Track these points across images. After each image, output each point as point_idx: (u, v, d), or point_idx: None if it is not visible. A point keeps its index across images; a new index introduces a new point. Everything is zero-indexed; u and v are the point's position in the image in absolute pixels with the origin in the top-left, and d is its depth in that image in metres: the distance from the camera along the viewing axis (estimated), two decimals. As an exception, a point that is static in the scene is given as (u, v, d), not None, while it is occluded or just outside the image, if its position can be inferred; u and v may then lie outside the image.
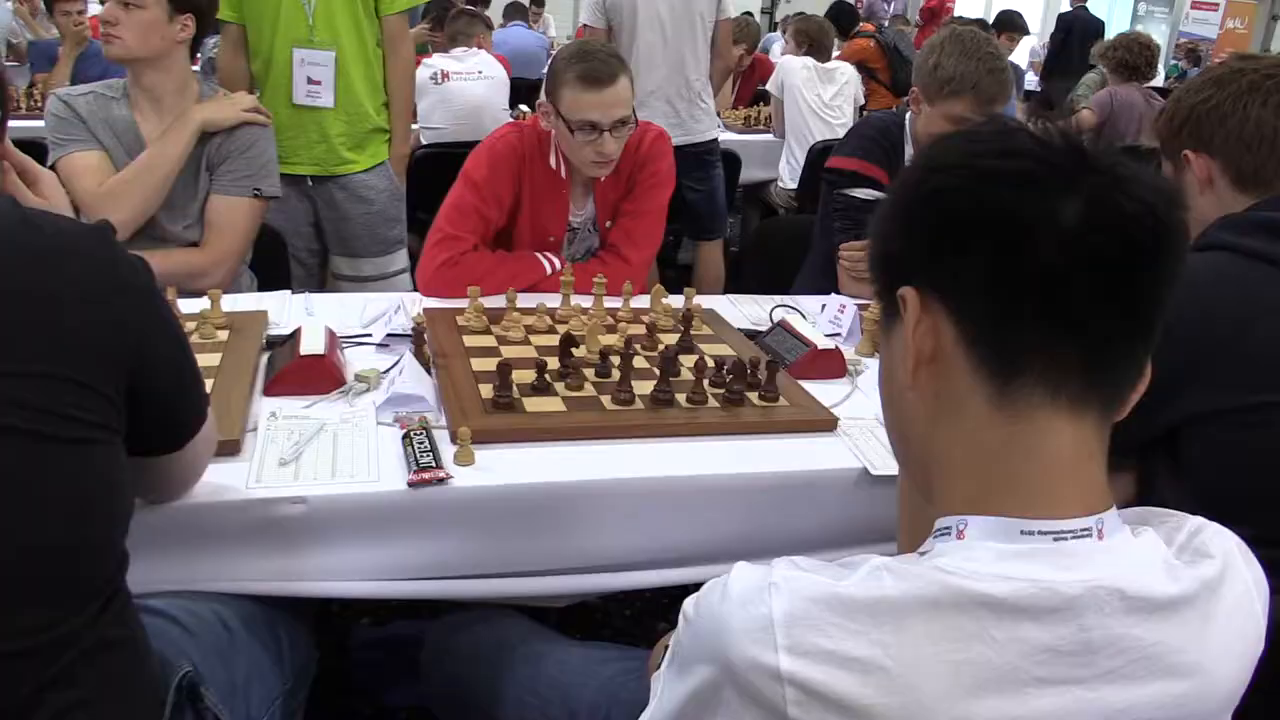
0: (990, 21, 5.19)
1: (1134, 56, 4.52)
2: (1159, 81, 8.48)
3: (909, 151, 2.18)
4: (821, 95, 4.29)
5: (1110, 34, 6.38)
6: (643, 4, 3.33)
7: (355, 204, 2.57)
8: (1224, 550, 0.71)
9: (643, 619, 2.09)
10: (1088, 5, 8.17)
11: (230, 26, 2.51)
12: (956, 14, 7.57)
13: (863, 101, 4.62)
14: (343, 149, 2.55)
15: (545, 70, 3.07)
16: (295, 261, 2.52)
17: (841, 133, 4.16)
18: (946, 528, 0.69)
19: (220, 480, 1.17)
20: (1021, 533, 0.66)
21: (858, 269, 2.03)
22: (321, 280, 2.66)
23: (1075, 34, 7.50)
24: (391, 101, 2.64)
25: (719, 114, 3.84)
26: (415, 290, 1.93)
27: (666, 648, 0.72)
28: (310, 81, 2.47)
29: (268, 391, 1.43)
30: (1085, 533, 0.67)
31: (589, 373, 1.53)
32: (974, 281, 0.67)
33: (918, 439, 0.73)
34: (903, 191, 0.73)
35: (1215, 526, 0.73)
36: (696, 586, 0.73)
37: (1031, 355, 0.67)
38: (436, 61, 3.94)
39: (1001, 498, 0.68)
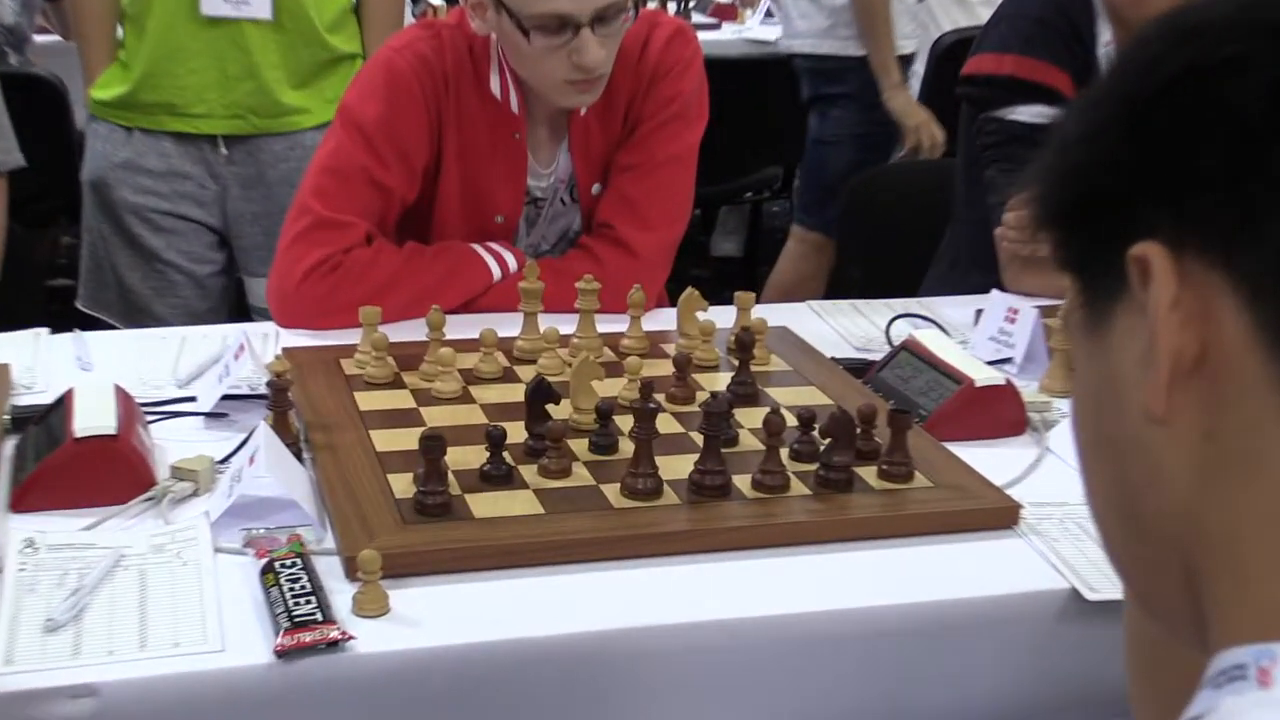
0: None
1: None
2: None
3: (1104, 37, 2.19)
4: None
5: None
6: None
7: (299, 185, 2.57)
8: None
9: None
10: None
11: None
12: None
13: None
14: (284, 90, 2.59)
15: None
16: (188, 282, 2.57)
17: (986, 15, 4.21)
18: (1237, 667, 0.68)
19: (-55, 662, 1.17)
20: None
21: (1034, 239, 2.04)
22: (231, 311, 2.69)
23: None
24: (368, 8, 2.67)
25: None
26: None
27: None
28: None
29: (17, 504, 1.43)
30: None
31: (579, 446, 1.53)
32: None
33: (1171, 515, 0.73)
34: (1126, 80, 0.74)
35: None
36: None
37: None
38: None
39: None
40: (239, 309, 2.74)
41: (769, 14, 4.87)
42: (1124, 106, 0.73)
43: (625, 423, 1.51)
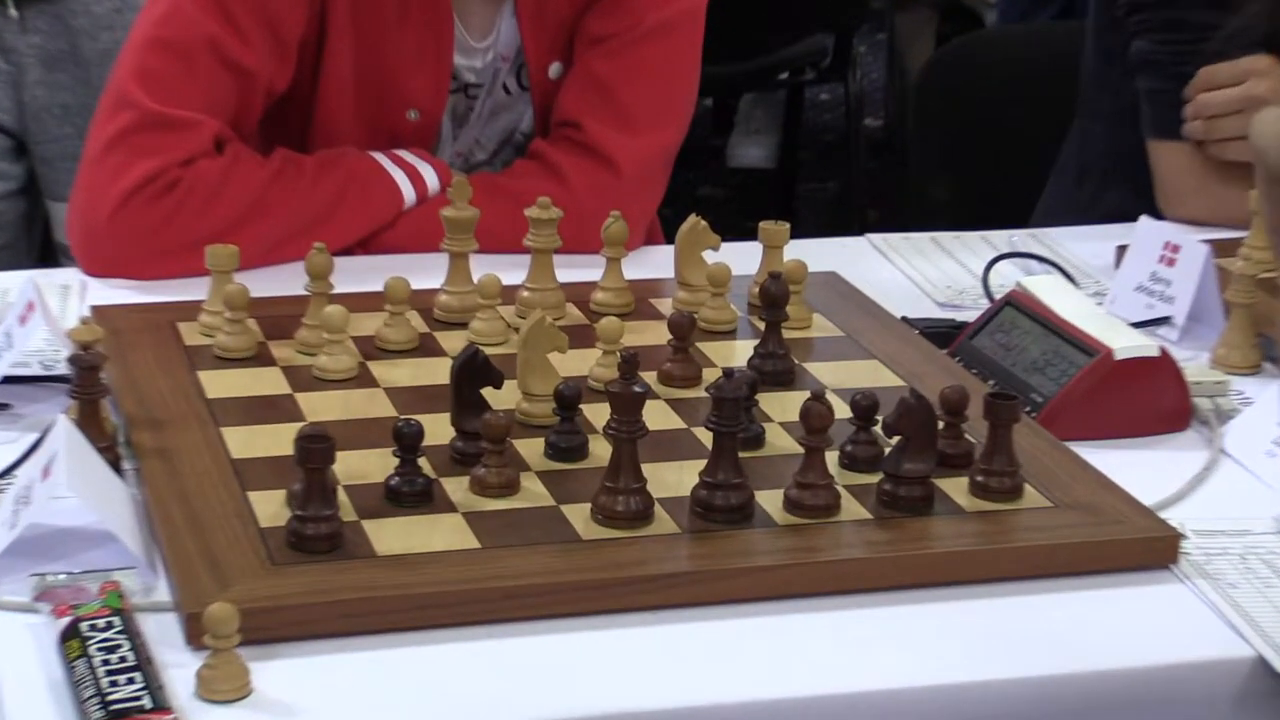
0: None
1: None
2: None
3: None
4: None
5: None
6: None
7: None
8: None
9: None
10: None
11: None
12: None
13: None
14: None
15: None
16: None
17: None
18: None
19: None
20: None
21: (1222, 130, 2.05)
22: (35, 252, 2.73)
23: None
24: None
25: None
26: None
27: None
28: None
29: None
30: None
31: (531, 449, 1.54)
32: None
33: None
34: None
35: None
36: None
37: None
38: None
39: None
40: (46, 248, 2.74)
41: None
42: None
43: (598, 415, 1.52)
